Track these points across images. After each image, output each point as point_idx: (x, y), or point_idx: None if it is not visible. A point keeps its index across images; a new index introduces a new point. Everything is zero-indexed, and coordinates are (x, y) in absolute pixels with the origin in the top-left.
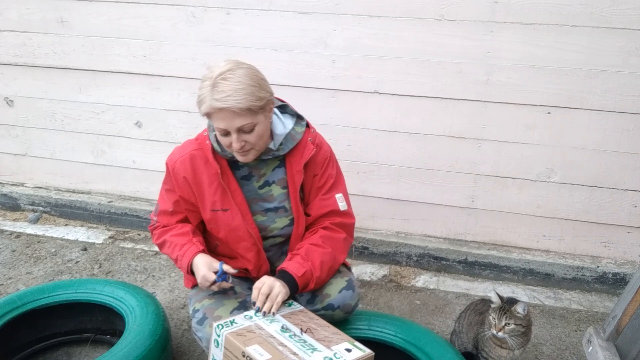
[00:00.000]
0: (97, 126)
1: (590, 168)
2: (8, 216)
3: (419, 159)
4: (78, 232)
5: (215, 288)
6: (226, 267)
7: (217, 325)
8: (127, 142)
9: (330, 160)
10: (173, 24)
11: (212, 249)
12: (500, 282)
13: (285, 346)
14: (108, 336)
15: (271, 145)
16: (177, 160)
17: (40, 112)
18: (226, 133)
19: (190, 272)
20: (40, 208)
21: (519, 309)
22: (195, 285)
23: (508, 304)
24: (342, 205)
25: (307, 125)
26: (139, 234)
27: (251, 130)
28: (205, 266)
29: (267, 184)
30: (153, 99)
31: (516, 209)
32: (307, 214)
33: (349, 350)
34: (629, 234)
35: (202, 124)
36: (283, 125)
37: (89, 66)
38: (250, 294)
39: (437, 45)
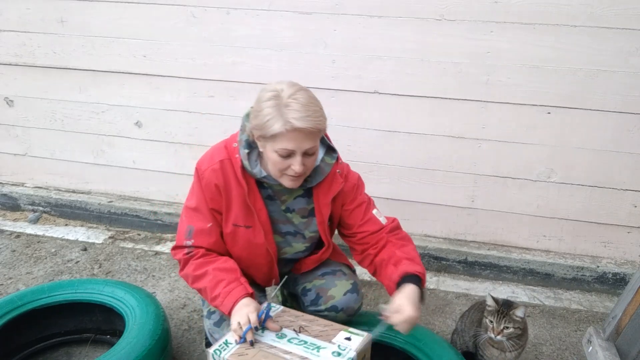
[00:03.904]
0: (97, 126)
1: (590, 168)
2: (8, 216)
3: (419, 159)
4: (78, 232)
5: (238, 338)
6: (249, 336)
7: (214, 351)
8: (127, 142)
9: (358, 187)
10: (173, 24)
11: None
12: (500, 282)
13: (291, 352)
14: (108, 336)
15: None
16: (207, 168)
17: (40, 112)
18: (289, 155)
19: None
20: (40, 208)
21: (519, 312)
22: None
23: (505, 307)
24: (382, 220)
25: (337, 158)
26: (139, 234)
27: (313, 154)
28: (245, 316)
29: (288, 210)
30: (153, 99)
31: (516, 209)
32: (348, 235)
33: (349, 339)
34: (629, 234)
35: (202, 124)
36: None
37: (89, 66)
38: (261, 296)
39: (437, 45)
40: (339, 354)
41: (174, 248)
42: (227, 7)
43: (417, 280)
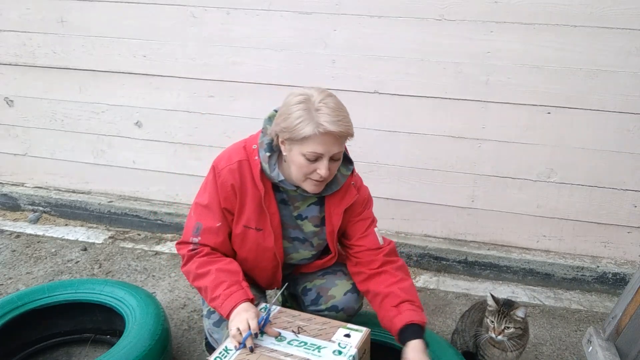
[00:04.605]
0: (97, 126)
1: (590, 168)
2: (8, 216)
3: (419, 159)
4: (78, 232)
5: (237, 344)
6: (249, 342)
7: (215, 359)
8: (127, 142)
9: (368, 202)
10: (173, 24)
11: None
12: (500, 282)
13: (292, 355)
14: (108, 336)
15: None
16: (224, 167)
17: (40, 112)
18: (317, 159)
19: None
20: (40, 208)
21: (519, 313)
22: None
23: (506, 307)
24: (380, 240)
25: (353, 170)
26: (139, 234)
27: (338, 159)
28: (245, 321)
29: (299, 217)
30: (153, 99)
31: (516, 209)
32: (346, 245)
33: (348, 336)
34: (629, 234)
35: (202, 124)
36: None
37: (89, 66)
38: (261, 297)
39: (437, 45)
40: (340, 352)
41: (179, 242)
42: (227, 7)
43: (421, 330)
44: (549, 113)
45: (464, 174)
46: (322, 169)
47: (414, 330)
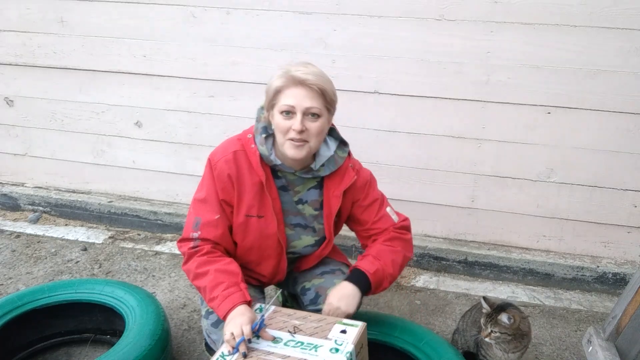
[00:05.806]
0: (97, 126)
1: (590, 168)
2: (8, 216)
3: (419, 159)
4: (78, 232)
5: (231, 349)
6: (242, 348)
7: None
8: (127, 142)
9: (371, 182)
10: (173, 24)
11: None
12: (500, 282)
13: (289, 356)
14: (108, 336)
15: (312, 165)
16: (220, 159)
17: (40, 112)
18: (290, 113)
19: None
20: (40, 208)
21: (504, 318)
22: None
23: (497, 311)
24: (395, 217)
25: (349, 152)
26: (139, 234)
27: (315, 120)
28: (239, 327)
29: (300, 201)
30: (153, 99)
31: (516, 209)
32: (362, 232)
33: (344, 332)
34: (629, 234)
35: (203, 123)
36: (328, 147)
37: (89, 66)
38: (259, 298)
39: (437, 45)
40: (337, 350)
41: (180, 240)
42: (227, 7)
43: (361, 276)
44: (549, 113)
45: (464, 174)
46: (296, 123)
47: (355, 274)
